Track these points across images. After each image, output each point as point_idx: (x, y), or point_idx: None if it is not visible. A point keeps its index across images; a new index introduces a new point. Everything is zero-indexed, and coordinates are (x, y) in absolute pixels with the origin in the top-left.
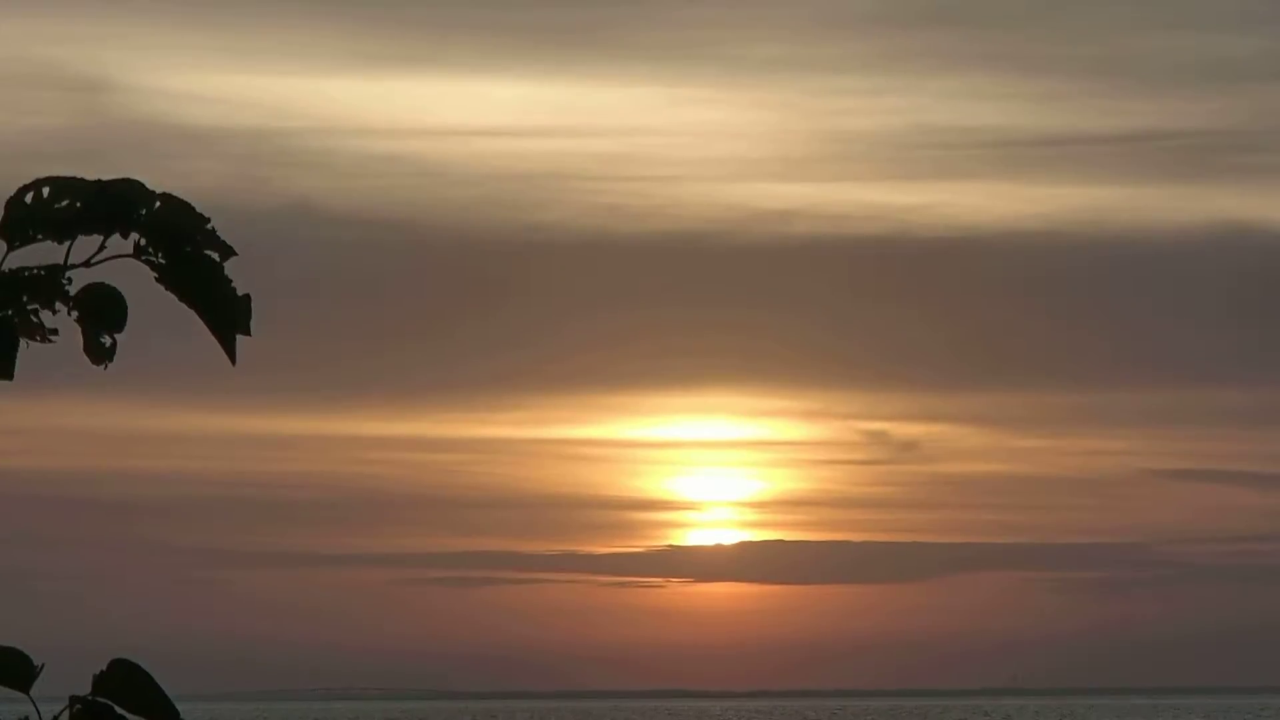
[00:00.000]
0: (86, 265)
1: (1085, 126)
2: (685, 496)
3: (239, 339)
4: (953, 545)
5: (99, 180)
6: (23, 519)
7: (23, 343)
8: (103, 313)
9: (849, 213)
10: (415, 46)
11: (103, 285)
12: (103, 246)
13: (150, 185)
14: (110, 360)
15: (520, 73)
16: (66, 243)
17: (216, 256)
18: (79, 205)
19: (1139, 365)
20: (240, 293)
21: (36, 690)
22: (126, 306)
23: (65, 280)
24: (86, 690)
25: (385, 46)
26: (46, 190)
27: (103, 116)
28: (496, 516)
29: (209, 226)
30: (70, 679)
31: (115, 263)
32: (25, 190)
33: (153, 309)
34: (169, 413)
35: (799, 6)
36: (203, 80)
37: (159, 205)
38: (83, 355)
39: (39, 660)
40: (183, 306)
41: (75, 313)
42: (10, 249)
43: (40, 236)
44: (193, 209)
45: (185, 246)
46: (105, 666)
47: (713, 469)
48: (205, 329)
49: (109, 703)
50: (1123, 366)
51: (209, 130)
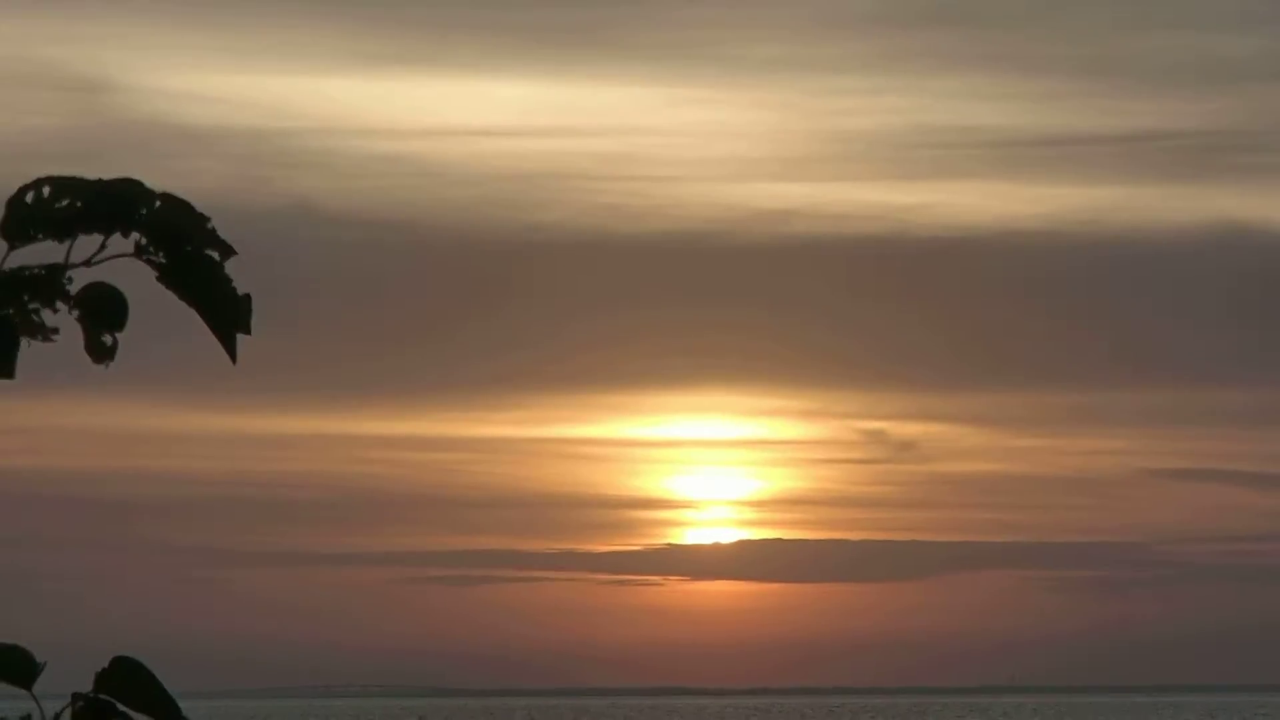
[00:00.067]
0: (87, 264)
1: (1084, 126)
2: (684, 495)
3: (240, 338)
4: (950, 544)
5: (100, 180)
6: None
7: (24, 342)
8: (104, 312)
9: (848, 212)
10: (416, 47)
11: (104, 284)
12: (104, 246)
13: (150, 185)
14: (112, 359)
15: (520, 73)
16: (67, 242)
17: (217, 256)
18: (80, 205)
19: (1137, 365)
20: (241, 292)
21: (39, 687)
22: (128, 305)
23: (66, 279)
24: (89, 687)
25: (385, 47)
26: (47, 189)
27: (103, 116)
28: (496, 515)
29: (209, 226)
30: (72, 676)
31: (116, 262)
32: (26, 189)
33: (152, 309)
34: (169, 412)
35: (798, 7)
36: (203, 80)
37: (159, 205)
38: (83, 354)
39: (42, 658)
40: (182, 306)
41: (76, 312)
42: (11, 248)
43: (41, 236)
44: (193, 208)
45: (186, 246)
46: (107, 664)
47: (711, 468)
48: (205, 328)
49: (111, 700)
50: (1121, 366)
51: (209, 130)
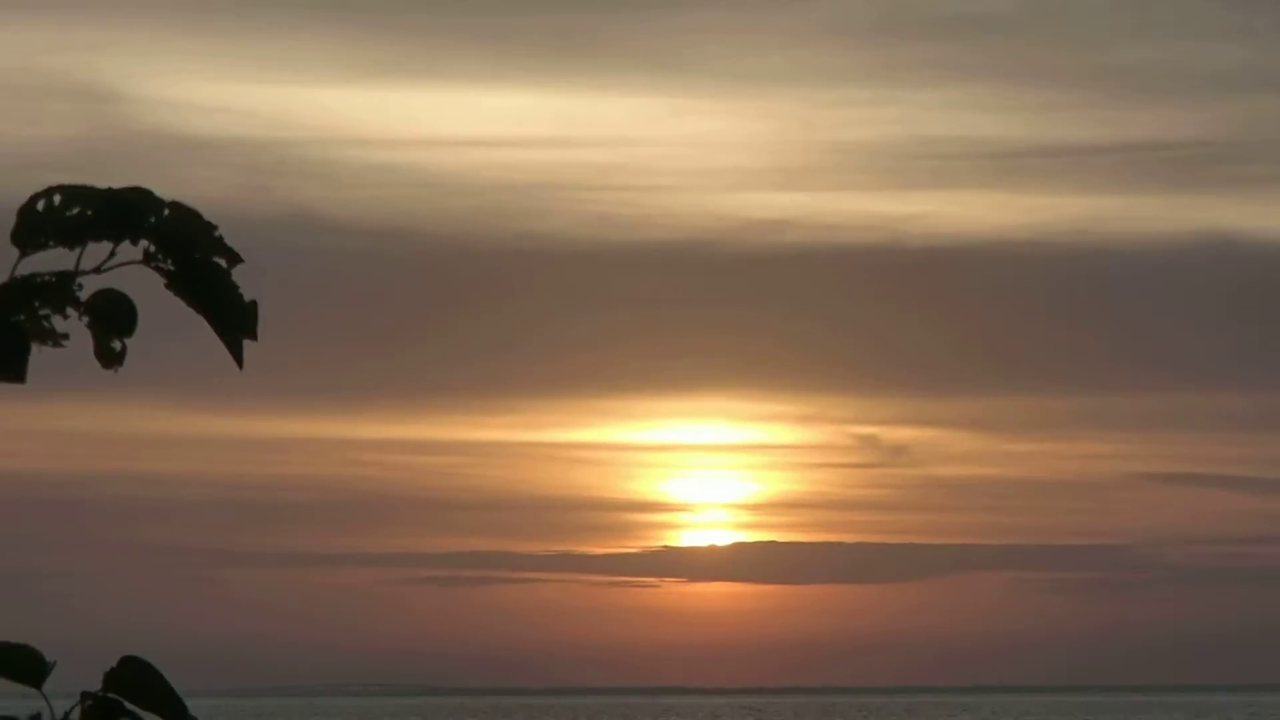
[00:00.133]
0: (97, 271)
1: (1078, 137)
2: (680, 498)
3: (246, 344)
4: (944, 546)
5: (110, 188)
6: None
7: (34, 347)
8: (113, 318)
9: (845, 222)
10: (414, 59)
11: (113, 291)
12: (113, 253)
13: (158, 193)
14: (121, 364)
15: (517, 84)
16: (78, 249)
17: (224, 263)
18: (90, 213)
19: (1131, 371)
20: (247, 299)
21: (48, 687)
22: (136, 311)
23: (76, 286)
24: (94, 687)
25: (385, 59)
26: (58, 198)
27: (108, 126)
28: (493, 518)
29: (217, 234)
30: (77, 676)
31: (125, 269)
32: (37, 198)
33: (156, 315)
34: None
35: (795, 19)
36: (207, 91)
37: (168, 213)
38: (88, 360)
39: (51, 657)
40: (185, 312)
41: (86, 318)
42: (22, 255)
43: (52, 243)
44: (201, 217)
45: (194, 253)
46: (115, 663)
47: (707, 471)
48: (207, 334)
49: (119, 698)
50: (1114, 372)
51: (212, 140)
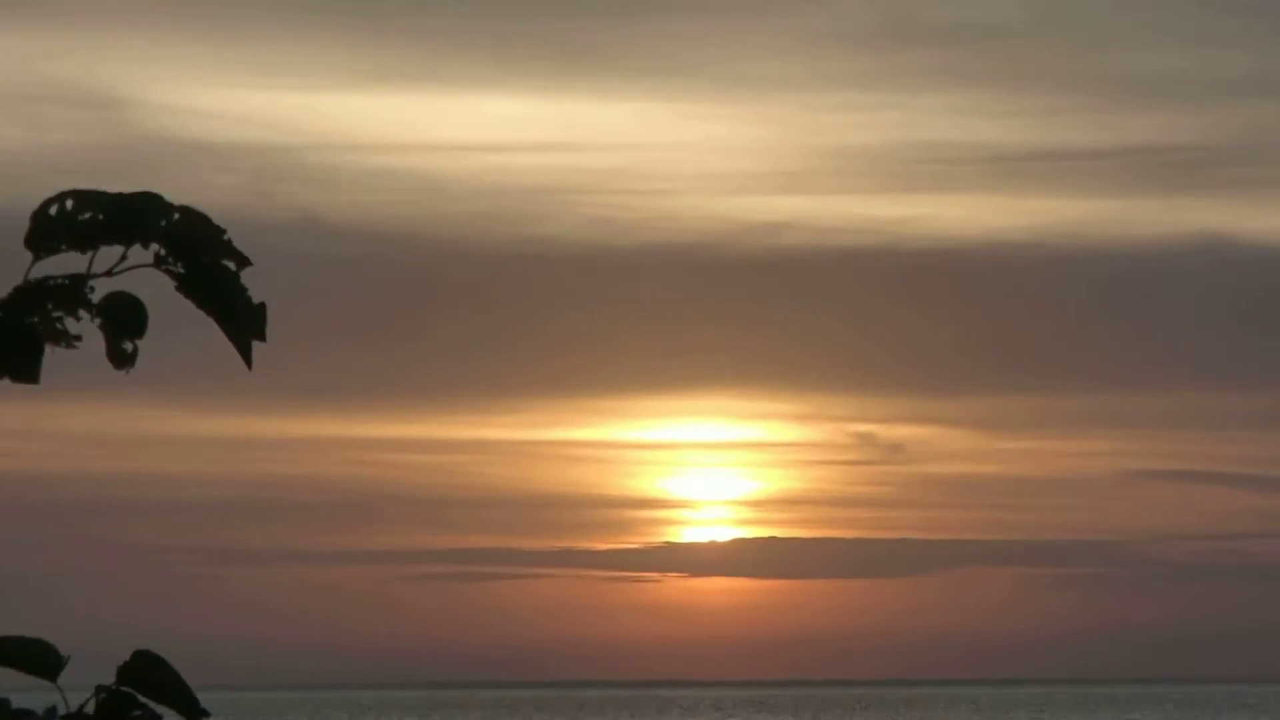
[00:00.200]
0: (109, 274)
1: (1072, 142)
2: (681, 495)
3: (255, 345)
4: (940, 542)
5: (121, 193)
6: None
7: (47, 349)
8: (125, 319)
9: (843, 225)
10: (416, 64)
11: (124, 293)
12: (124, 256)
13: (168, 198)
14: (132, 365)
15: (518, 89)
16: (89, 253)
17: (233, 266)
18: (101, 217)
19: (1124, 370)
20: (255, 301)
21: (63, 680)
22: (147, 313)
23: (89, 289)
24: (110, 680)
25: (387, 64)
26: (70, 203)
27: (118, 132)
28: (495, 515)
29: (226, 237)
30: (90, 671)
31: (136, 272)
32: (50, 203)
33: (169, 317)
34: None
35: (795, 24)
36: (213, 98)
37: (178, 217)
38: (101, 361)
39: (66, 652)
40: (195, 314)
41: (98, 320)
42: (36, 259)
43: (64, 247)
44: (210, 221)
45: (203, 257)
46: (128, 657)
47: (707, 469)
48: (220, 336)
49: (132, 691)
50: (1108, 371)
51: (218, 145)
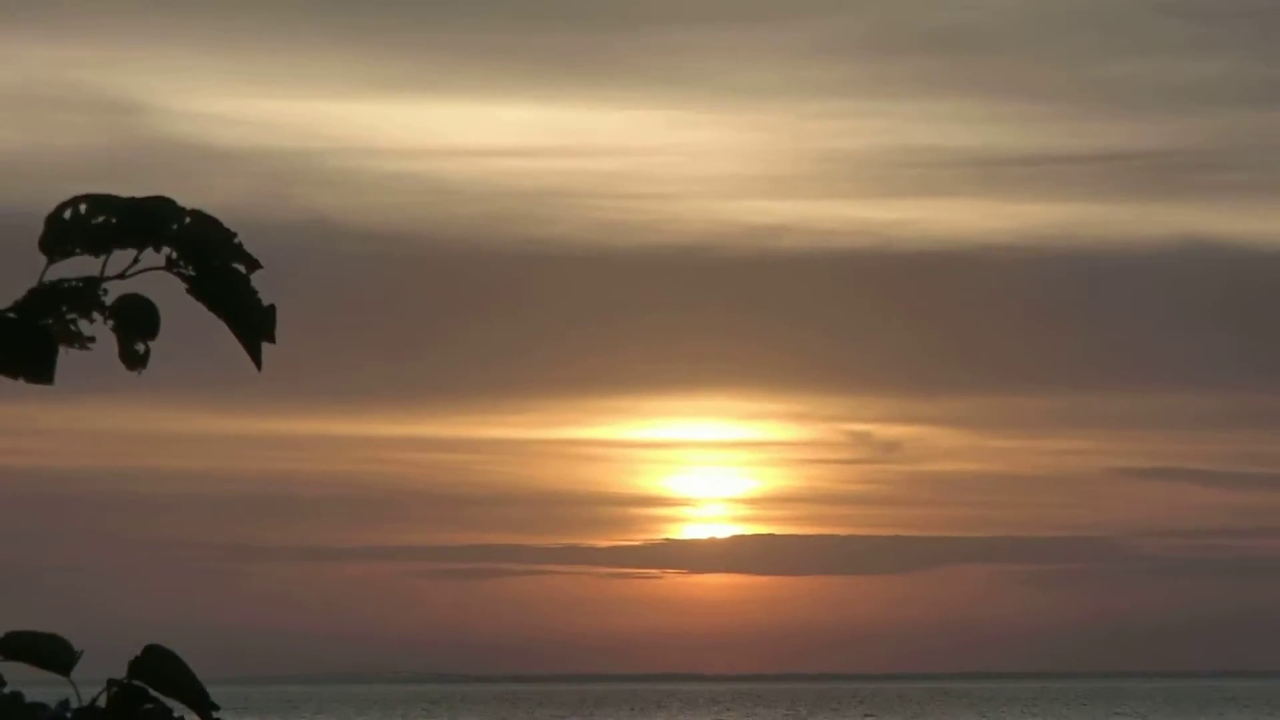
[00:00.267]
0: (121, 277)
1: (1058, 147)
2: (681, 493)
3: (265, 346)
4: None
5: (133, 197)
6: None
7: (61, 350)
8: (137, 321)
9: (836, 228)
10: (427, 72)
11: (137, 296)
12: (137, 260)
13: (180, 202)
14: (144, 366)
15: (525, 97)
16: (103, 256)
17: (244, 269)
18: (114, 221)
19: (1107, 371)
20: (265, 303)
21: (76, 674)
22: (159, 316)
23: (102, 291)
24: (122, 674)
25: (399, 72)
26: (84, 207)
27: (133, 137)
28: (503, 512)
29: (236, 241)
30: (107, 666)
31: (148, 274)
32: (64, 207)
33: (180, 319)
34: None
35: (789, 35)
36: (228, 103)
37: (189, 221)
38: (113, 362)
39: (78, 647)
40: (209, 316)
41: (111, 322)
42: (50, 262)
43: (78, 250)
44: (221, 224)
45: (214, 260)
46: (140, 652)
47: (707, 467)
48: (228, 337)
49: (144, 685)
50: (1091, 372)
51: (233, 150)
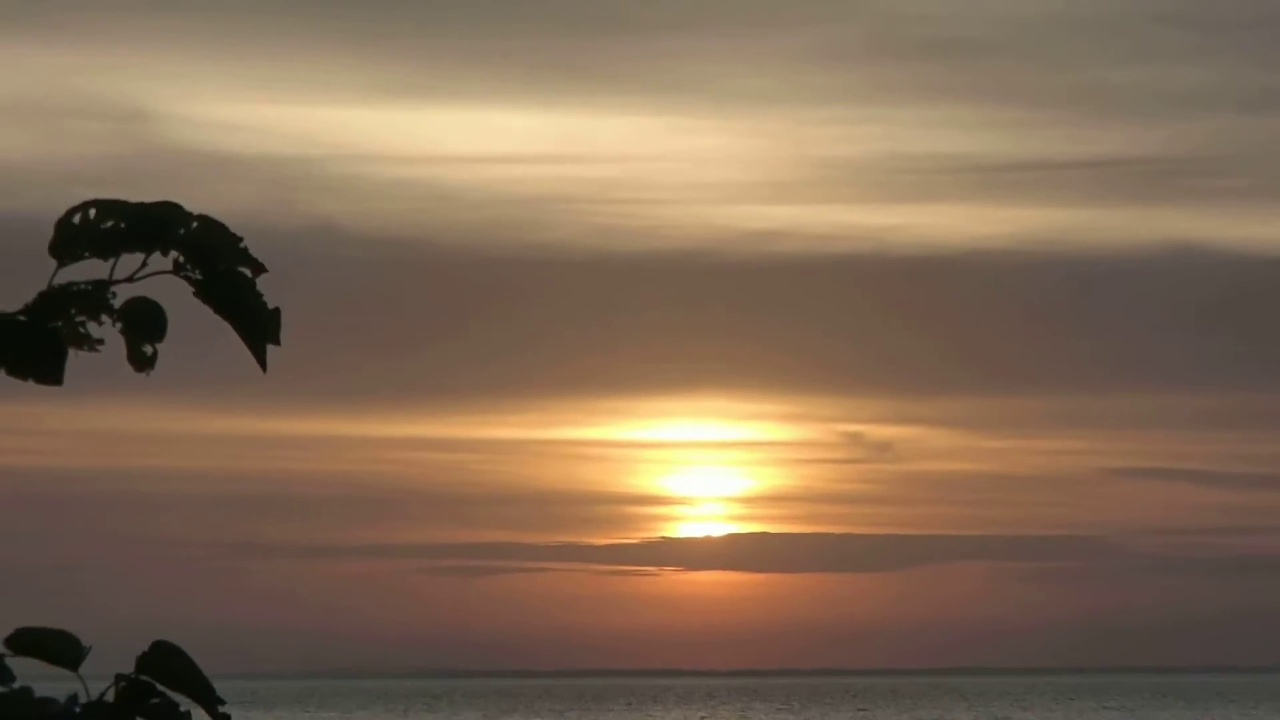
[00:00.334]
0: (130, 280)
1: (1050, 153)
2: (677, 492)
3: (269, 348)
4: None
5: (141, 203)
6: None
7: (70, 351)
8: (145, 324)
9: (831, 232)
10: (429, 79)
11: (145, 299)
12: (145, 263)
13: (187, 207)
14: (152, 368)
15: (526, 104)
16: (111, 260)
17: (249, 273)
18: (123, 225)
19: (1098, 372)
20: (270, 306)
21: (84, 670)
22: (167, 318)
23: (110, 294)
24: (129, 670)
25: (402, 80)
26: (93, 212)
27: (141, 144)
28: (502, 511)
29: (242, 245)
30: (114, 662)
31: (156, 278)
32: (73, 212)
33: (187, 322)
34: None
35: (786, 42)
36: (234, 111)
37: (196, 225)
38: (122, 363)
39: (87, 642)
40: (210, 318)
41: (120, 324)
42: (60, 266)
43: (87, 254)
44: (227, 229)
45: (220, 264)
46: (147, 648)
47: (703, 467)
48: (234, 339)
49: (151, 680)
50: (1083, 373)
51: (240, 156)
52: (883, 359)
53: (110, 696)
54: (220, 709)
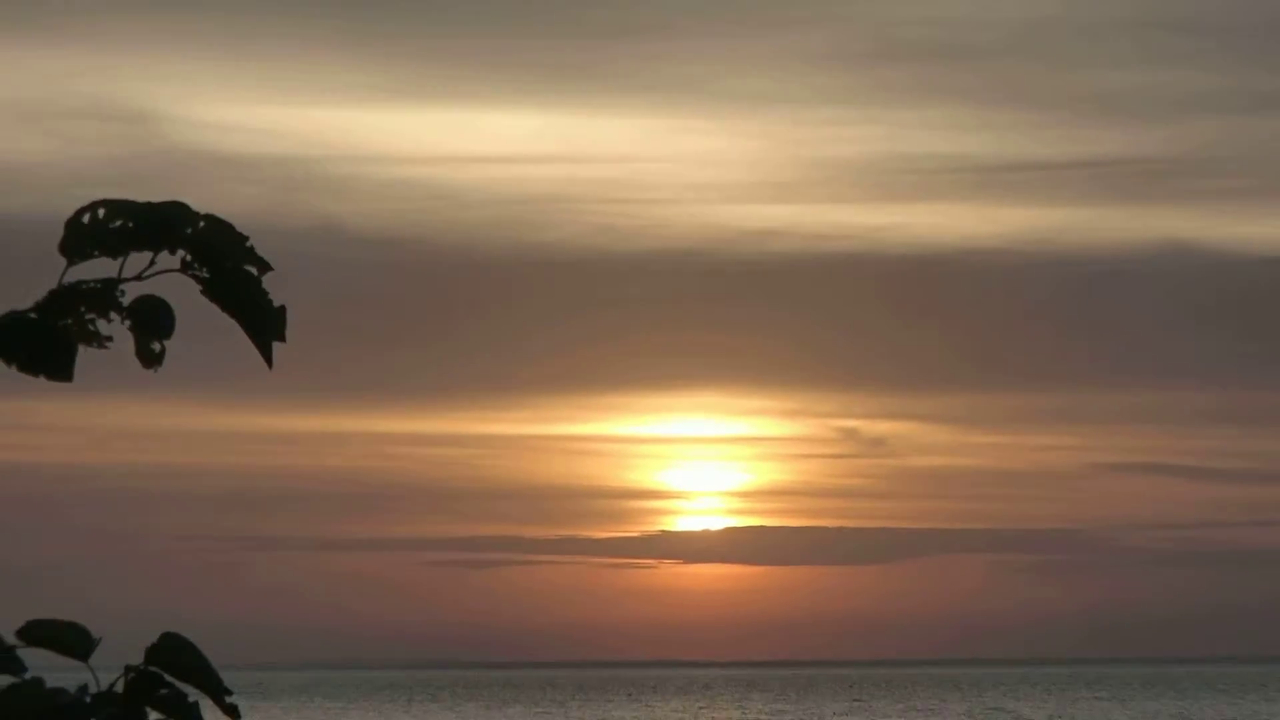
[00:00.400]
0: (138, 279)
1: (1047, 153)
2: (676, 487)
3: (275, 345)
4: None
5: (149, 202)
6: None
7: (80, 349)
8: (153, 321)
9: (830, 232)
10: (430, 82)
11: (153, 296)
12: (153, 262)
13: (195, 207)
14: (160, 364)
15: (525, 105)
16: (120, 259)
17: (255, 271)
18: (131, 225)
19: (1094, 369)
20: (276, 304)
21: (94, 660)
22: (174, 316)
23: (119, 292)
24: (139, 661)
25: (404, 80)
26: (102, 211)
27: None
28: (502, 505)
29: (248, 244)
30: (122, 652)
31: (164, 276)
32: (83, 211)
33: (195, 319)
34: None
35: (784, 44)
36: (240, 112)
37: (203, 225)
38: (130, 360)
39: (97, 635)
40: (209, 316)
41: (128, 321)
42: (69, 264)
43: (96, 253)
44: (233, 228)
45: (227, 262)
46: (156, 639)
47: (701, 461)
48: (239, 337)
49: (160, 671)
50: (1079, 370)
51: (245, 157)
52: (878, 356)
53: (120, 687)
54: (228, 700)
